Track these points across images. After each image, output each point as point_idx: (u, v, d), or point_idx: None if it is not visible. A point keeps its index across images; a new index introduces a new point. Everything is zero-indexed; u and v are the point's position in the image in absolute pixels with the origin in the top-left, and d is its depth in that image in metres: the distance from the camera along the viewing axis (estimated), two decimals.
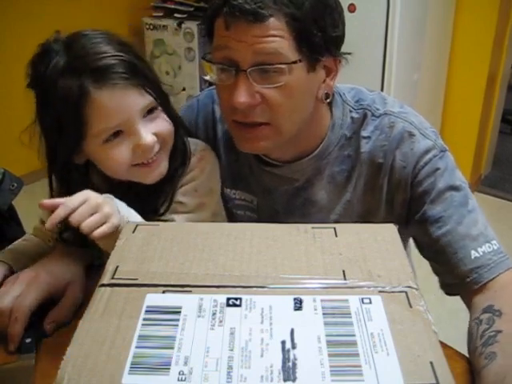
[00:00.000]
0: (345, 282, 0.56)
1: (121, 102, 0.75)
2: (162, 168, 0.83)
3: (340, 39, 0.80)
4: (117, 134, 0.77)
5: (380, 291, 0.54)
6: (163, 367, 0.45)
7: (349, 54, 0.82)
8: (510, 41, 2.75)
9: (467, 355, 0.73)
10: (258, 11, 0.70)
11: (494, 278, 0.77)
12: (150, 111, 0.80)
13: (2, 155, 2.69)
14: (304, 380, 0.44)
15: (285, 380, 0.44)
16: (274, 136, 0.80)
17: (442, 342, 0.66)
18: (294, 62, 0.74)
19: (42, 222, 0.96)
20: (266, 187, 0.95)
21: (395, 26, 2.16)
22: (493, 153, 3.26)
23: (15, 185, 1.12)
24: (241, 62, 0.74)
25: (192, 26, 2.96)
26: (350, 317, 0.51)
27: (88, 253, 0.92)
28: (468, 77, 2.72)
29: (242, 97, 0.74)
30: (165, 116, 0.82)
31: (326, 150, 0.89)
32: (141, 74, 0.78)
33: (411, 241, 0.94)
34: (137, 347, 0.47)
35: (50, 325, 0.78)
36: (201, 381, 0.44)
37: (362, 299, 0.53)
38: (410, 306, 0.52)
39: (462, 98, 2.79)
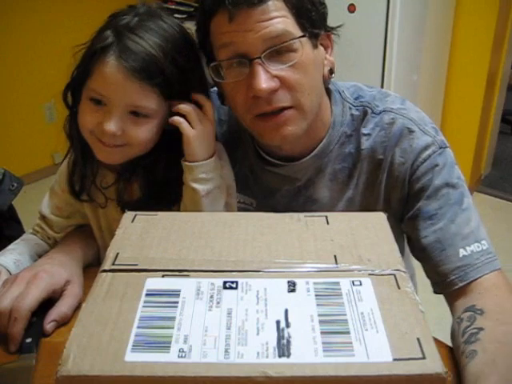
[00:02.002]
0: (336, 266, 0.58)
1: (117, 85, 0.77)
2: (114, 157, 0.84)
3: (326, 15, 0.83)
4: (100, 102, 0.79)
5: (370, 274, 0.57)
6: (164, 345, 0.47)
7: (339, 26, 0.85)
8: (509, 41, 2.77)
9: None
10: None
11: (478, 278, 0.78)
12: (139, 115, 0.80)
13: (1, 155, 2.70)
14: (298, 356, 0.47)
15: (280, 356, 0.47)
16: (300, 117, 0.81)
17: (441, 342, 0.69)
18: (302, 37, 0.76)
19: (43, 218, 0.97)
20: (267, 188, 0.96)
21: (395, 26, 2.18)
22: (493, 153, 3.27)
23: (15, 185, 1.14)
24: (251, 52, 0.75)
25: (192, 26, 2.96)
26: (342, 298, 0.53)
27: (87, 252, 0.93)
28: (468, 77, 2.73)
29: (262, 83, 0.75)
30: (151, 131, 0.82)
31: (327, 147, 0.90)
32: (163, 83, 0.78)
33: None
34: (138, 327, 0.49)
35: (50, 324, 0.78)
36: (200, 357, 0.46)
37: (353, 281, 0.55)
38: (399, 288, 0.55)
39: (461, 99, 2.80)
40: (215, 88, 0.98)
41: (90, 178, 0.90)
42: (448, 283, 0.80)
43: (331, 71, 0.86)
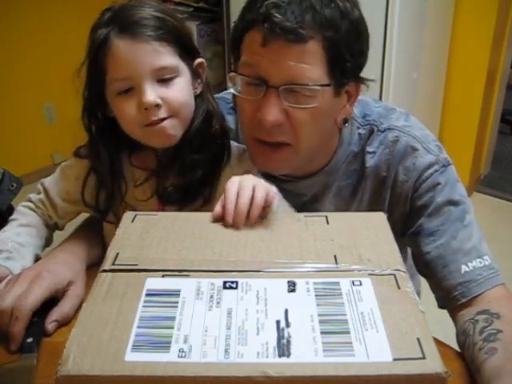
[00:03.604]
0: (336, 266, 0.58)
1: (134, 56, 0.77)
2: (169, 132, 0.82)
3: (363, 65, 0.81)
4: (129, 90, 0.79)
5: (370, 274, 0.57)
6: (164, 345, 0.47)
7: (372, 80, 0.83)
8: (509, 40, 2.76)
9: None
10: (299, 31, 0.70)
11: (482, 293, 0.78)
12: (168, 79, 0.80)
13: (1, 155, 2.70)
14: (298, 355, 0.47)
15: (280, 356, 0.47)
16: (293, 158, 0.81)
17: (442, 342, 0.69)
18: (326, 85, 0.75)
19: (47, 196, 0.94)
20: None
21: (394, 24, 2.17)
22: (492, 153, 3.26)
23: (15, 185, 1.14)
24: (271, 80, 0.74)
25: (191, 26, 2.97)
26: (342, 298, 0.53)
27: (91, 252, 0.92)
28: (467, 76, 2.73)
29: (271, 115, 0.75)
30: (185, 89, 0.83)
31: (335, 166, 0.90)
32: (172, 37, 0.80)
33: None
34: (138, 327, 0.49)
35: (52, 324, 0.77)
36: (200, 357, 0.46)
37: (353, 281, 0.55)
38: (399, 288, 0.55)
39: (461, 98, 2.79)
40: (222, 94, 0.98)
41: (117, 197, 0.90)
42: (451, 299, 0.81)
43: (345, 120, 0.85)
